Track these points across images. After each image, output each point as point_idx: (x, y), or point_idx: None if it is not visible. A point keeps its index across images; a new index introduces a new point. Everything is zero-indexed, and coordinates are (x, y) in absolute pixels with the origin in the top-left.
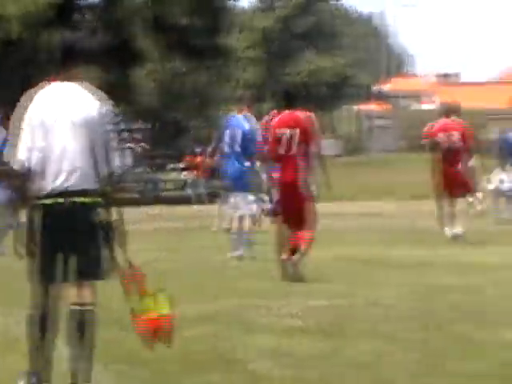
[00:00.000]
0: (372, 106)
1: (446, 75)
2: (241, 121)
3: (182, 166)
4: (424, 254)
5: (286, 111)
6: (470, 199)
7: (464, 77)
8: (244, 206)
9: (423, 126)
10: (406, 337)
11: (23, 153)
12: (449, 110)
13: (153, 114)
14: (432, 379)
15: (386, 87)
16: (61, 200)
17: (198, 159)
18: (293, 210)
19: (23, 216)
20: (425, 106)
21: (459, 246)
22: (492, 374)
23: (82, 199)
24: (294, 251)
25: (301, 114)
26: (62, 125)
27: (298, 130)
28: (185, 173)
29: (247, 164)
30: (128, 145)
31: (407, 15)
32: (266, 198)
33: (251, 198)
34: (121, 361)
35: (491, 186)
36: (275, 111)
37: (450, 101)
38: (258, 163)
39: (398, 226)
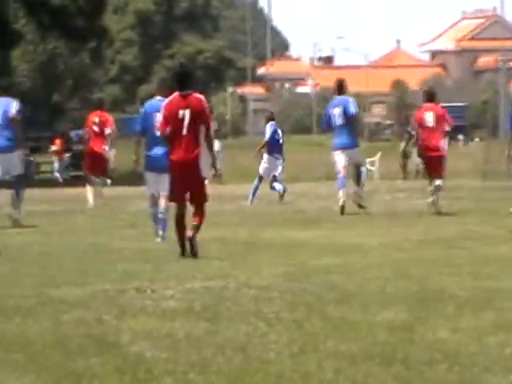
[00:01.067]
0: (259, 89)
1: (320, 58)
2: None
3: (53, 148)
4: (298, 236)
5: (178, 93)
6: None
7: (338, 61)
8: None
9: (298, 109)
10: (279, 318)
11: None
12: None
13: (27, 96)
14: (306, 359)
15: (270, 70)
16: None
17: (58, 142)
18: (190, 188)
19: None
20: (300, 89)
21: (332, 228)
22: (365, 353)
23: None
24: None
25: (193, 96)
26: None
27: (189, 111)
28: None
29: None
30: None
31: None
32: None
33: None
34: None
35: None
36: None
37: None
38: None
39: (271, 208)
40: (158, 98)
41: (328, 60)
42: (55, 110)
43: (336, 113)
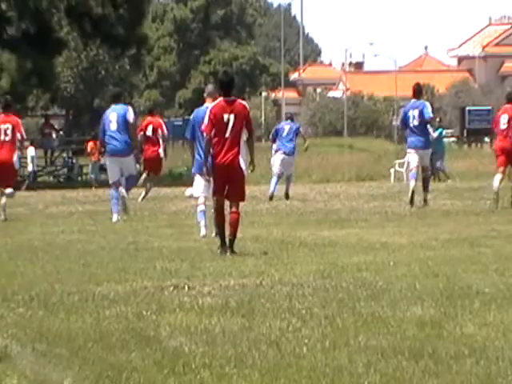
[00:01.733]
0: (292, 94)
1: (351, 64)
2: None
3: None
4: (330, 235)
5: (223, 98)
6: None
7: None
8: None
9: (329, 113)
10: (312, 313)
11: None
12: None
13: (70, 101)
14: (338, 354)
15: (302, 75)
16: None
17: (90, 145)
18: (230, 185)
19: None
20: (332, 94)
21: (363, 227)
22: (395, 348)
23: None
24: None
25: (238, 102)
26: None
27: (234, 116)
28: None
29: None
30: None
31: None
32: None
33: None
34: (40, 340)
35: None
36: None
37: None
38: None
39: (304, 208)
40: (207, 104)
41: (358, 65)
42: (97, 114)
43: (412, 114)
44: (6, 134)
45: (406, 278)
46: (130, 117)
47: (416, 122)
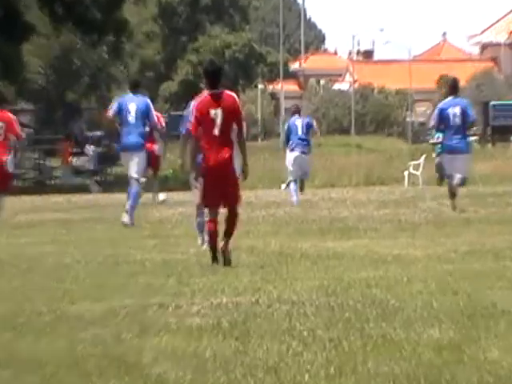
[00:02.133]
0: (292, 86)
1: (359, 52)
2: None
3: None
4: (335, 246)
5: (210, 91)
6: None
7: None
8: None
9: (335, 108)
10: (315, 335)
11: None
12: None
13: (40, 94)
14: (344, 381)
15: (304, 65)
16: None
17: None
18: (223, 191)
19: None
20: (337, 86)
21: (373, 237)
22: (409, 375)
23: None
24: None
25: (225, 94)
26: None
27: (221, 110)
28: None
29: None
30: None
31: None
32: None
33: None
34: (6, 366)
35: None
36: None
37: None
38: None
39: (306, 215)
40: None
41: (367, 54)
42: (70, 109)
43: (452, 113)
44: None
45: (421, 295)
46: (151, 114)
47: (458, 121)
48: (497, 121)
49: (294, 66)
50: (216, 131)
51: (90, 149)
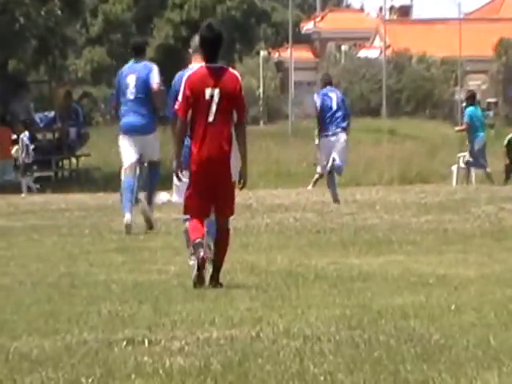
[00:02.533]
0: (304, 54)
1: (392, 9)
2: None
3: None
4: (361, 263)
5: (206, 64)
6: None
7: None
8: None
9: (361, 82)
10: (335, 381)
11: None
12: None
13: None
14: None
15: (320, 25)
16: None
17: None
18: (215, 195)
19: None
20: (364, 53)
21: (410, 252)
22: None
23: None
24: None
25: (226, 71)
26: None
27: (219, 91)
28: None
29: None
30: None
31: None
32: None
33: None
34: None
35: None
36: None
37: None
38: None
39: (323, 223)
40: (193, 65)
41: (404, 11)
42: (12, 81)
43: None
44: None
45: (474, 328)
46: (154, 81)
47: None
48: None
49: (308, 26)
50: (211, 118)
51: (25, 136)
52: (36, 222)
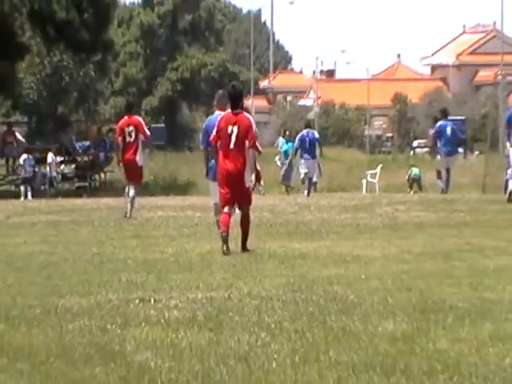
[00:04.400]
0: (262, 102)
1: (322, 72)
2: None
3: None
4: (300, 247)
5: (231, 111)
6: None
7: (340, 74)
8: None
9: (300, 122)
10: (282, 328)
11: None
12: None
13: (33, 107)
14: (308, 369)
15: (272, 83)
16: None
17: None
18: (237, 193)
19: None
20: (302, 102)
21: (334, 239)
22: (366, 363)
23: None
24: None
25: (242, 114)
26: None
27: (237, 127)
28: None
29: None
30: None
31: (284, 12)
32: None
33: None
34: (1, 354)
35: None
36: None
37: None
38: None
39: (274, 219)
40: (218, 112)
41: (330, 73)
42: (60, 121)
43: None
44: None
45: (378, 291)
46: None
47: None
48: None
49: (264, 83)
50: (231, 145)
51: (23, 158)
52: (76, 218)
